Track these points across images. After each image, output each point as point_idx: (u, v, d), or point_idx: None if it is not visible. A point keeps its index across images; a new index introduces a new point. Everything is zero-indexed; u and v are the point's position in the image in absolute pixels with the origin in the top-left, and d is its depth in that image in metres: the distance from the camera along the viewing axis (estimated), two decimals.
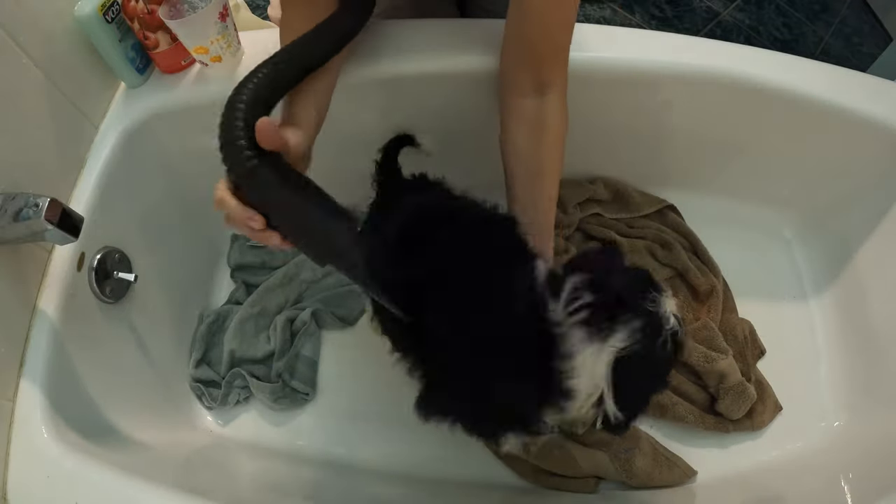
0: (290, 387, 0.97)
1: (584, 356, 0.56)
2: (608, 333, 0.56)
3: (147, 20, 0.82)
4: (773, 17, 2.06)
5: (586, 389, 0.57)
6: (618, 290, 0.59)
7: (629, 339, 0.56)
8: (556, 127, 0.76)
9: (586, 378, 0.56)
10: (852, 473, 0.83)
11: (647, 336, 0.57)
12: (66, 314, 0.73)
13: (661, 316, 0.58)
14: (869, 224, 0.99)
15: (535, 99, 0.75)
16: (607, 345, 0.56)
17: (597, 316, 0.57)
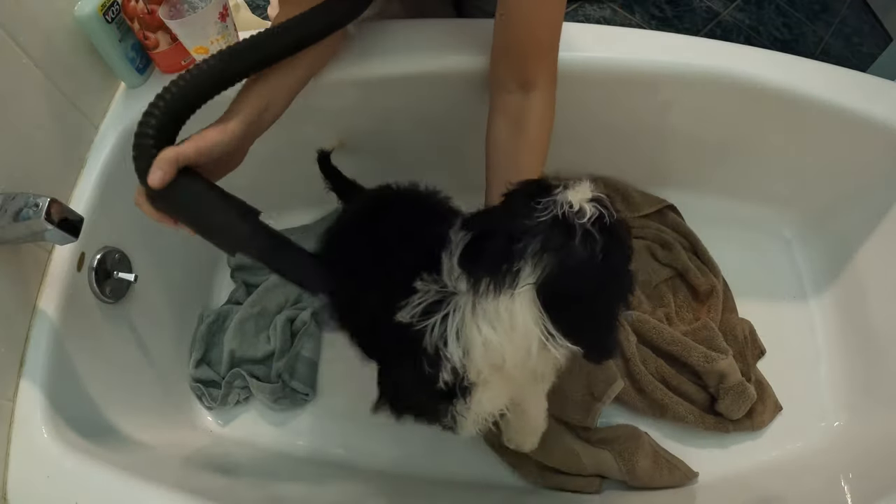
0: (290, 387, 0.97)
1: (491, 310, 0.50)
2: (511, 276, 0.49)
3: (147, 20, 0.82)
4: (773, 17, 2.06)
5: (513, 343, 0.50)
6: (506, 225, 0.52)
7: (536, 268, 0.48)
8: (538, 125, 0.75)
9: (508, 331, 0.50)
10: (852, 473, 0.83)
11: (557, 251, 0.48)
12: (66, 314, 0.73)
13: (561, 216, 0.49)
14: (869, 224, 0.99)
15: (518, 96, 0.75)
16: (516, 290, 0.48)
17: (491, 263, 0.50)
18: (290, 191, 1.09)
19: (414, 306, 0.54)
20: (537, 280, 0.48)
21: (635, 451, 0.89)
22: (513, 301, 0.49)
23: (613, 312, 0.54)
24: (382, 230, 0.65)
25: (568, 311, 0.50)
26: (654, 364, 0.97)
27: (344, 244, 0.69)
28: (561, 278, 0.48)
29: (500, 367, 0.53)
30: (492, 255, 0.51)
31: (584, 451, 0.89)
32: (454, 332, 0.52)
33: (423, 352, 0.54)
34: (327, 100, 0.91)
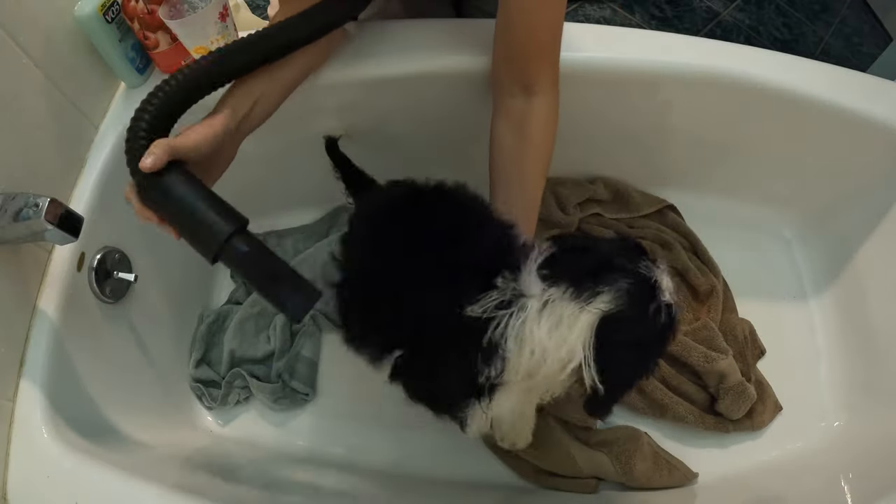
0: (290, 387, 0.97)
1: (555, 316, 0.53)
2: (589, 294, 0.52)
3: (147, 20, 0.82)
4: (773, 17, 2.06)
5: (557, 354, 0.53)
6: (604, 252, 0.56)
7: (614, 300, 0.51)
8: (541, 130, 0.76)
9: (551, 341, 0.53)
10: (852, 473, 0.83)
11: (637, 301, 0.52)
12: (66, 314, 0.73)
13: (653, 281, 0.54)
14: (869, 224, 0.99)
15: (521, 99, 0.75)
16: (587, 306, 0.52)
17: (574, 276, 0.53)
18: (289, 191, 1.09)
19: (488, 301, 0.56)
20: (608, 311, 0.52)
21: (633, 453, 0.89)
22: (578, 315, 0.52)
23: (632, 380, 0.60)
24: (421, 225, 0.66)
25: (609, 354, 0.53)
26: None
27: (375, 237, 0.70)
28: (623, 325, 0.52)
29: (534, 374, 0.56)
30: (582, 269, 0.55)
31: (581, 453, 0.88)
32: (515, 331, 0.54)
33: (480, 345, 0.55)
34: (327, 100, 0.91)
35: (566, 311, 0.52)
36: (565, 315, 0.52)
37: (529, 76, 0.74)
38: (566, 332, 0.53)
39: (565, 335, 0.53)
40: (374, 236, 0.69)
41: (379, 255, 0.67)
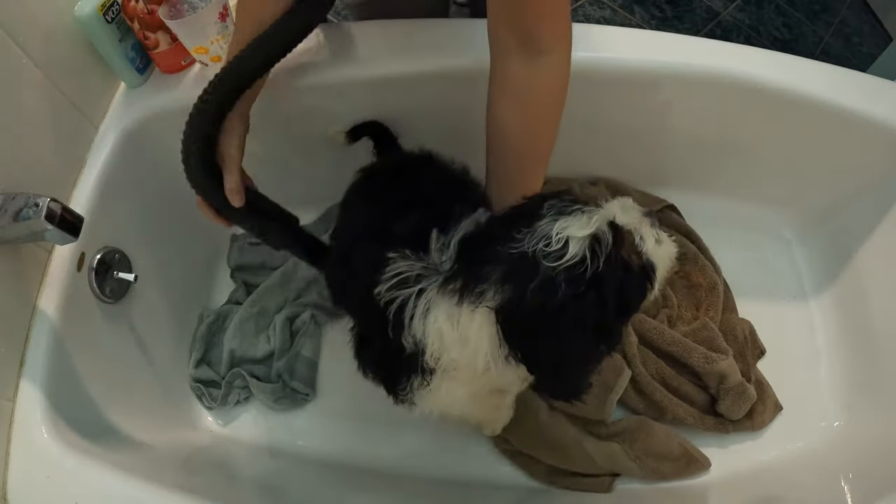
0: (290, 387, 0.97)
1: (453, 312, 0.52)
2: (476, 294, 0.50)
3: (147, 20, 0.82)
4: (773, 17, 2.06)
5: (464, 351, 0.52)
6: (497, 235, 0.51)
7: (498, 294, 0.49)
8: (546, 99, 0.64)
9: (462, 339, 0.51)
10: (852, 473, 0.83)
11: (520, 284, 0.48)
12: (66, 314, 0.73)
13: (531, 253, 0.47)
14: (869, 224, 0.99)
15: (523, 61, 0.62)
16: (478, 306, 0.50)
17: (469, 269, 0.51)
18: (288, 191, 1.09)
19: (391, 276, 0.55)
20: (496, 307, 0.49)
21: (645, 438, 0.89)
22: (472, 315, 0.51)
23: (577, 359, 0.54)
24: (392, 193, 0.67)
25: (523, 342, 0.51)
26: (654, 365, 0.97)
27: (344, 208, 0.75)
28: (516, 311, 0.49)
29: (456, 363, 0.54)
30: (469, 267, 0.52)
31: (595, 447, 0.88)
32: (422, 310, 0.53)
33: (391, 318, 0.55)
34: (327, 100, 0.91)
35: (461, 311, 0.51)
36: (462, 314, 0.51)
37: (529, 29, 0.60)
38: (466, 330, 0.51)
39: (466, 333, 0.51)
40: (344, 207, 0.75)
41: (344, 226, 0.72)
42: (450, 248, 0.55)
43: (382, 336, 0.57)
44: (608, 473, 0.89)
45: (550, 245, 0.47)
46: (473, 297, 0.50)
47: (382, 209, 0.66)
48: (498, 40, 0.63)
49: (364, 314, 0.65)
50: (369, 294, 0.57)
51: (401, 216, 0.61)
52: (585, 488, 0.88)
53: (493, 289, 0.49)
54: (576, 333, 0.50)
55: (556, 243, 0.47)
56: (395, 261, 0.56)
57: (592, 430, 0.92)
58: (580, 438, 0.89)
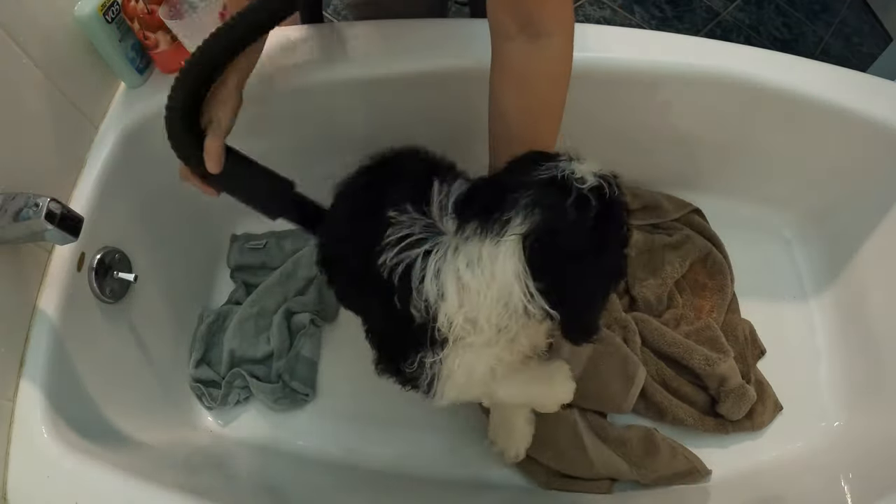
0: (290, 387, 0.97)
1: (473, 255, 0.50)
2: (499, 225, 0.49)
3: (147, 20, 0.82)
4: (773, 17, 2.06)
5: (489, 293, 0.49)
6: (503, 180, 0.52)
7: (525, 219, 0.48)
8: (548, 82, 0.63)
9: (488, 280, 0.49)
10: (852, 473, 0.83)
11: (549, 207, 0.48)
12: (66, 314, 0.73)
13: (559, 177, 0.49)
14: (869, 224, 0.99)
15: (523, 43, 0.62)
16: (502, 237, 0.48)
17: (480, 212, 0.50)
18: None
19: (396, 238, 0.54)
20: (525, 232, 0.48)
21: (648, 451, 0.89)
22: (497, 248, 0.49)
23: (599, 288, 0.53)
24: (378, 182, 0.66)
25: (552, 272, 0.49)
26: (655, 366, 0.97)
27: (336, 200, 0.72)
28: (549, 235, 0.48)
29: (474, 322, 0.52)
30: (484, 201, 0.51)
31: (597, 454, 0.88)
32: (433, 270, 0.51)
33: (396, 285, 0.53)
34: (326, 100, 0.91)
35: (484, 248, 0.49)
36: (484, 252, 0.49)
37: (531, 11, 0.60)
38: (491, 268, 0.49)
39: (491, 271, 0.49)
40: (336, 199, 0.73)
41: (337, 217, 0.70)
42: (448, 208, 0.54)
43: (390, 312, 0.55)
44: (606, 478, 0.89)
45: (574, 174, 0.49)
46: (499, 226, 0.49)
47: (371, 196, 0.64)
48: (498, 25, 0.63)
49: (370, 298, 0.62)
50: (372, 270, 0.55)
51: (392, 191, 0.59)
52: (585, 490, 0.88)
53: (523, 213, 0.48)
54: (602, 259, 0.51)
55: (578, 173, 0.49)
56: (397, 221, 0.54)
57: (599, 433, 0.91)
58: (583, 442, 0.88)
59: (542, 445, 0.88)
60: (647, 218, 1.11)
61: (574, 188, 0.49)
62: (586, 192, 0.49)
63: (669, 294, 1.04)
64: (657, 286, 1.03)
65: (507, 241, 0.48)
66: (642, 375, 0.92)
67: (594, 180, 0.49)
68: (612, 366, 0.93)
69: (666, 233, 1.10)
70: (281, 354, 0.98)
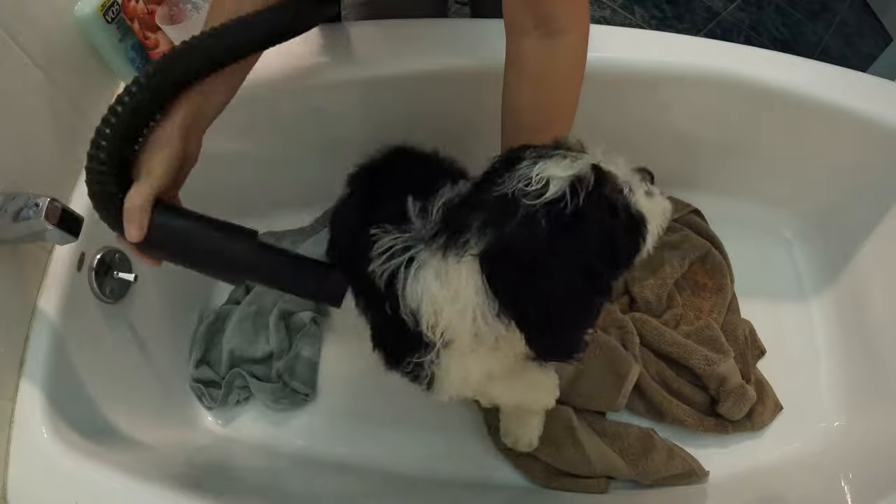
0: (290, 387, 0.97)
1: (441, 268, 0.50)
2: (459, 244, 0.49)
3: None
4: (773, 17, 2.06)
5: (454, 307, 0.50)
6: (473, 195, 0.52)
7: (479, 241, 0.48)
8: (564, 79, 0.64)
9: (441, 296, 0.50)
10: (852, 473, 0.83)
11: (500, 226, 0.47)
12: (66, 314, 0.73)
13: (510, 194, 0.47)
14: (869, 224, 0.99)
15: (539, 39, 0.62)
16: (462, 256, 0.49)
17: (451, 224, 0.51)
18: (286, 192, 1.09)
19: (380, 252, 0.54)
20: (481, 252, 0.48)
21: (646, 450, 0.89)
22: (459, 267, 0.49)
23: (567, 309, 0.52)
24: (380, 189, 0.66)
25: (509, 292, 0.49)
26: (654, 367, 0.97)
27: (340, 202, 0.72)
28: (502, 255, 0.48)
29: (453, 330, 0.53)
30: (451, 220, 0.52)
31: (594, 450, 0.88)
32: (412, 275, 0.52)
33: (385, 292, 0.54)
34: (326, 100, 0.91)
35: (448, 265, 0.50)
36: (449, 268, 0.50)
37: (548, 8, 0.60)
38: (455, 283, 0.50)
39: (455, 286, 0.50)
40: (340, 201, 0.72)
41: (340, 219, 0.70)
42: (432, 214, 0.54)
43: (385, 318, 0.56)
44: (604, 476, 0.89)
45: (531, 185, 0.47)
46: (458, 247, 0.49)
47: (363, 208, 0.65)
48: (514, 21, 0.63)
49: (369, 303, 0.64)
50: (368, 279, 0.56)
51: (379, 206, 0.60)
52: (582, 489, 0.88)
53: (476, 235, 0.49)
54: (562, 277, 0.49)
55: (536, 183, 0.47)
56: (379, 236, 0.55)
57: (596, 428, 0.91)
58: (581, 438, 0.89)
59: (540, 442, 0.88)
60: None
61: (520, 206, 0.47)
62: (533, 210, 0.46)
63: (669, 294, 1.04)
64: (656, 286, 1.03)
65: (465, 261, 0.49)
66: (635, 372, 0.92)
67: (562, 185, 0.46)
68: (603, 365, 0.93)
69: (665, 233, 1.09)
70: (280, 354, 0.98)
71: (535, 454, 0.89)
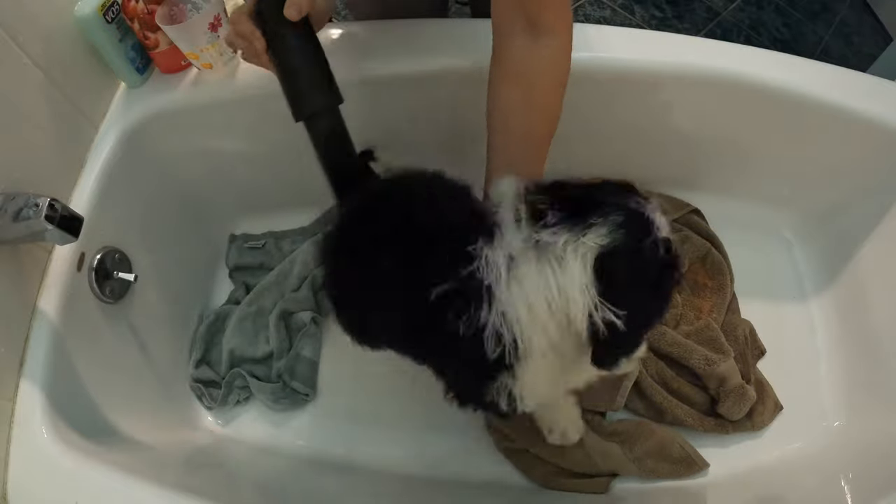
0: (290, 387, 0.97)
1: (546, 260, 0.49)
2: (580, 228, 0.49)
3: (147, 20, 0.82)
4: (773, 17, 2.06)
5: (558, 302, 0.50)
6: (590, 192, 0.53)
7: (608, 234, 0.49)
8: (549, 80, 0.65)
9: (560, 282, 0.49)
10: (852, 473, 0.83)
11: (633, 234, 0.50)
12: (66, 314, 0.73)
13: (646, 216, 0.51)
14: (869, 224, 0.99)
15: (525, 40, 0.64)
16: (581, 240, 0.49)
17: (562, 216, 0.50)
18: (286, 192, 1.09)
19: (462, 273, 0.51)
20: (606, 246, 0.49)
21: (644, 441, 0.89)
22: (573, 254, 0.49)
23: (646, 322, 0.55)
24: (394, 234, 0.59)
25: (614, 292, 0.50)
26: (654, 366, 0.97)
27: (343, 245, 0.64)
28: (625, 257, 0.49)
29: (546, 329, 0.52)
30: (569, 209, 0.51)
31: (596, 446, 0.88)
32: (503, 292, 0.50)
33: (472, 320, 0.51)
34: None
35: (558, 253, 0.49)
36: (558, 256, 0.49)
37: (535, 11, 0.62)
38: (562, 275, 0.49)
39: (561, 279, 0.49)
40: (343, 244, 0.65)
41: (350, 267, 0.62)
42: (512, 225, 0.52)
43: (460, 355, 0.55)
44: (605, 473, 0.89)
45: (657, 220, 0.52)
46: (583, 228, 0.49)
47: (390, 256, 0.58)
48: (502, 21, 0.65)
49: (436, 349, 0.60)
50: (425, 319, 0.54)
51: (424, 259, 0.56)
52: (584, 489, 0.88)
53: (609, 227, 0.49)
54: (660, 300, 0.54)
55: (660, 219, 0.52)
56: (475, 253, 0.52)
57: (594, 426, 0.92)
58: (583, 438, 0.89)
59: (540, 441, 0.88)
60: None
61: (656, 233, 0.51)
62: (662, 237, 0.51)
63: None
64: None
65: (586, 246, 0.49)
66: (634, 372, 0.92)
67: (667, 233, 0.52)
68: None
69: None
70: (281, 354, 0.98)
71: (538, 454, 0.89)
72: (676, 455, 0.89)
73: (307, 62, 0.63)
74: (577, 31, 0.82)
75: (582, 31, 0.89)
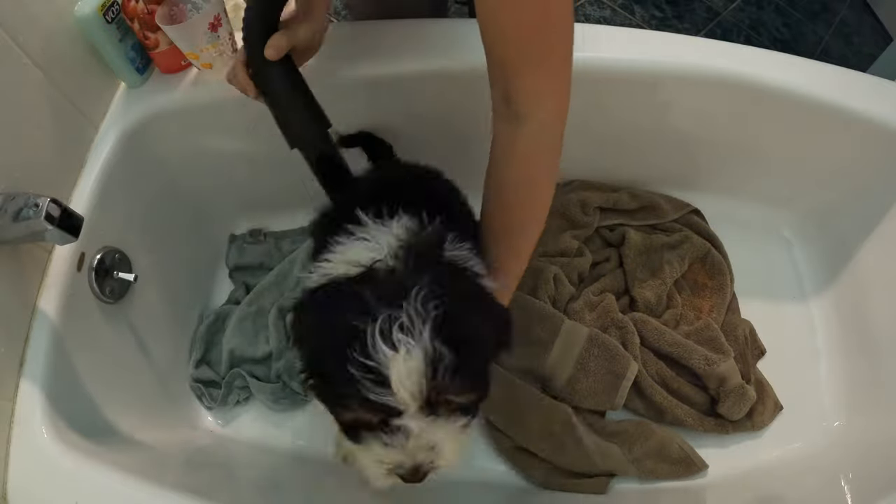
0: (290, 387, 0.97)
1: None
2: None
3: (147, 20, 0.82)
4: (773, 17, 2.06)
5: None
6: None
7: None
8: (522, 163, 0.62)
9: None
10: (852, 473, 0.83)
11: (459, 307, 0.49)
12: (66, 314, 0.73)
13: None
14: (869, 224, 0.99)
15: (506, 125, 0.61)
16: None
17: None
18: (286, 192, 1.09)
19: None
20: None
21: (644, 442, 0.89)
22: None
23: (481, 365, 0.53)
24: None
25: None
26: (654, 367, 0.97)
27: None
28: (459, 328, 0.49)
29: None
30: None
31: (596, 446, 0.88)
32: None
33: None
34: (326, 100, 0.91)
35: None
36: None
37: (510, 91, 0.59)
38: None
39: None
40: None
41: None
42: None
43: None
44: (604, 473, 0.89)
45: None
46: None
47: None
48: (491, 96, 0.62)
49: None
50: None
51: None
52: (583, 489, 0.88)
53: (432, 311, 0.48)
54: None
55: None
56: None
57: (594, 426, 0.92)
58: (581, 436, 0.89)
59: (539, 440, 0.88)
60: (646, 218, 1.11)
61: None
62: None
63: (669, 294, 1.04)
64: (657, 286, 1.03)
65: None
66: (633, 371, 0.92)
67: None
68: (601, 364, 0.93)
69: (664, 233, 1.10)
70: (280, 354, 0.98)
71: (537, 454, 0.89)
72: (676, 456, 0.89)
73: (291, 97, 0.70)
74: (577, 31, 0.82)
75: (582, 32, 0.89)
